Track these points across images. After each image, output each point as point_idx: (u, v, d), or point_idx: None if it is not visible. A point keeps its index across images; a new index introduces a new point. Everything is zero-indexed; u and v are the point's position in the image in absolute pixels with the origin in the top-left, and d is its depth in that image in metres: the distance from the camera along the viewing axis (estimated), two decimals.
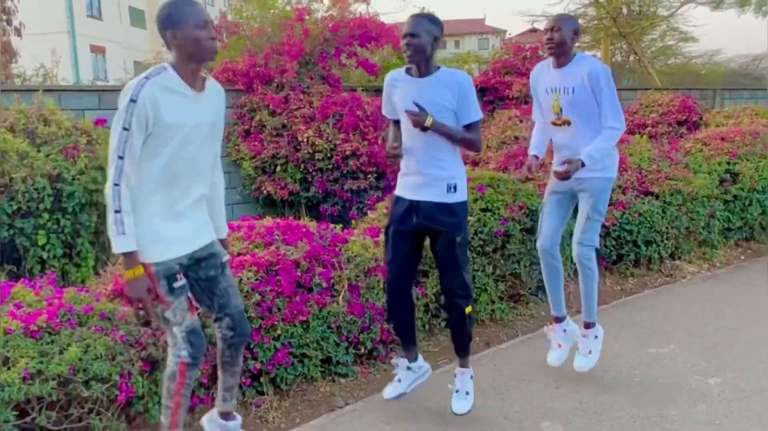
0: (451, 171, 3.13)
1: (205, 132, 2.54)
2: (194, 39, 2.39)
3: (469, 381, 3.31)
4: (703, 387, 3.60)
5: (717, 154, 6.87)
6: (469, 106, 3.07)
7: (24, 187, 4.19)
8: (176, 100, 2.41)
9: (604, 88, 3.37)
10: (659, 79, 16.12)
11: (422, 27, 3.02)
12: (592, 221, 3.59)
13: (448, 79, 3.06)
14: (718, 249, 6.50)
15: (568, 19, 3.55)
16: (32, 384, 2.62)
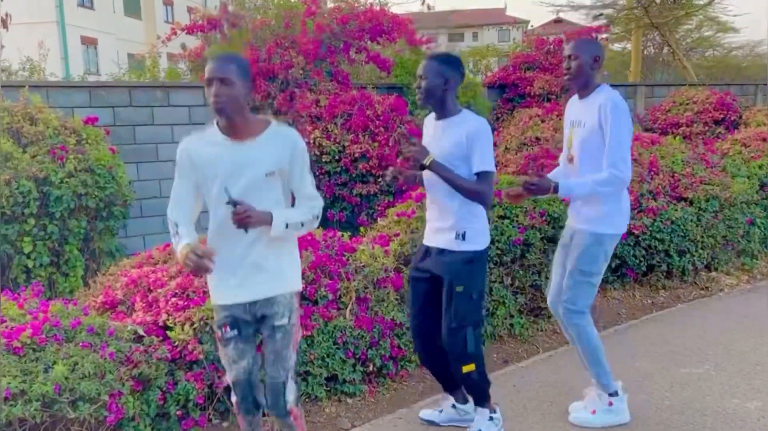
0: (463, 218, 3.14)
1: (244, 181, 2.56)
2: (207, 96, 2.56)
3: (487, 422, 3.30)
4: (742, 412, 3.56)
5: (758, 156, 6.84)
6: (478, 154, 3.05)
7: (8, 190, 4.23)
8: (205, 154, 2.61)
9: (612, 120, 3.17)
10: (695, 73, 16.04)
11: (431, 69, 3.08)
12: (573, 280, 3.37)
13: (464, 126, 3.09)
14: (759, 260, 6.46)
15: (587, 44, 3.38)
16: (14, 406, 2.64)
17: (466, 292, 3.14)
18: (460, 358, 3.18)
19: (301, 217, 2.61)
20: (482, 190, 3.07)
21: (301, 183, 2.64)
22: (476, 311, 3.23)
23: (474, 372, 3.20)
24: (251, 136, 2.57)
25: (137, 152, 6.24)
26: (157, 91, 6.45)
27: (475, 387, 3.28)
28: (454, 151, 3.06)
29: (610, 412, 3.47)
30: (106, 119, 5.96)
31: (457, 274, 3.13)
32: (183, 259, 2.53)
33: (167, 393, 3.22)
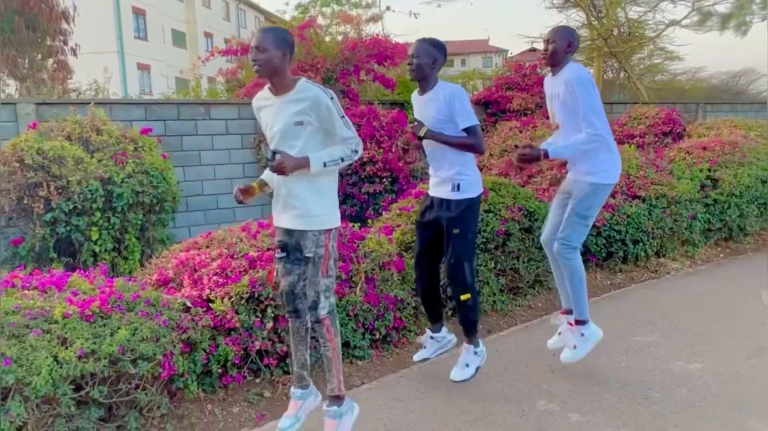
0: (457, 172, 3.22)
1: (278, 132, 2.67)
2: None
3: (472, 356, 3.37)
4: (685, 372, 3.57)
5: (699, 162, 6.82)
6: (461, 112, 3.13)
7: (79, 188, 4.25)
8: (264, 106, 2.77)
9: (579, 92, 3.21)
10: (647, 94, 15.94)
11: (422, 50, 3.18)
12: (571, 221, 3.40)
13: (441, 92, 3.18)
14: (700, 248, 6.45)
15: (563, 31, 3.39)
16: (87, 362, 2.66)
17: (462, 233, 3.22)
18: (460, 287, 3.26)
19: (339, 153, 2.66)
20: (474, 141, 3.17)
21: (332, 129, 2.67)
22: (471, 248, 3.30)
23: (470, 299, 3.28)
24: (285, 92, 2.64)
25: (184, 158, 6.25)
26: (200, 107, 6.46)
27: (469, 314, 3.33)
28: (438, 115, 3.15)
29: (586, 340, 3.52)
30: (159, 130, 5.97)
31: (454, 219, 3.21)
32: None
33: (210, 355, 3.25)
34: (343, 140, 2.68)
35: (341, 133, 2.67)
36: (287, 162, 2.54)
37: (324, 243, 2.71)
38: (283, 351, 3.45)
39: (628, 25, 16.61)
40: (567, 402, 3.24)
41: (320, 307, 2.74)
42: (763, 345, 3.96)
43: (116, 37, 25.08)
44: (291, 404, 2.91)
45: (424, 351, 3.62)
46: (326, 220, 2.73)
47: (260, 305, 3.40)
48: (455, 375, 3.35)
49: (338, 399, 2.83)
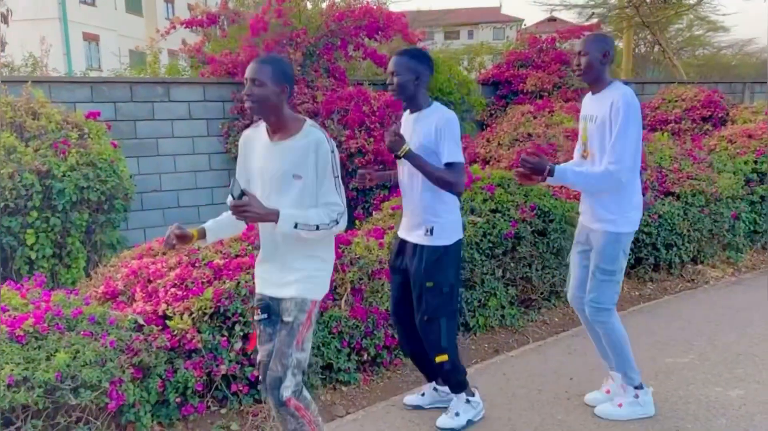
0: (432, 213, 3.16)
1: (268, 179, 2.62)
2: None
3: (464, 405, 3.36)
4: (724, 400, 3.60)
5: (743, 152, 6.86)
6: (449, 145, 3.07)
7: (11, 183, 4.24)
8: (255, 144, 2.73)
9: (619, 118, 3.12)
10: (686, 71, 16.06)
11: (402, 65, 3.11)
12: (597, 281, 3.34)
13: (434, 117, 3.12)
14: (744, 254, 6.49)
15: (596, 40, 3.31)
16: (17, 392, 2.65)
17: (437, 287, 3.16)
18: (434, 349, 3.23)
19: (317, 220, 2.56)
20: (453, 179, 3.08)
21: (319, 188, 2.61)
22: (448, 304, 3.23)
23: (447, 362, 3.24)
24: (286, 137, 2.61)
25: (138, 147, 6.25)
26: (157, 86, 6.45)
27: (448, 376, 3.33)
28: (426, 143, 3.10)
29: (637, 404, 3.45)
30: (108, 114, 5.96)
31: (426, 270, 3.15)
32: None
33: (167, 381, 3.24)
34: (326, 204, 2.62)
35: (327, 195, 2.61)
36: (253, 209, 2.46)
37: (308, 309, 2.68)
38: (253, 376, 3.45)
39: None
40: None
41: (283, 386, 2.62)
42: None
43: (58, 1, 24.92)
44: None
45: (419, 397, 3.59)
46: (315, 290, 2.71)
47: (227, 322, 3.40)
48: (442, 422, 3.33)
49: None
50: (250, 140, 2.76)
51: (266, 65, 2.57)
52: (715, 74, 18.13)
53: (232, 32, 7.75)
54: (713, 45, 21.49)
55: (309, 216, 2.56)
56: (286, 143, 2.60)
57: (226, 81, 6.74)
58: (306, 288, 2.65)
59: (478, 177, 4.93)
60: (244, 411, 3.48)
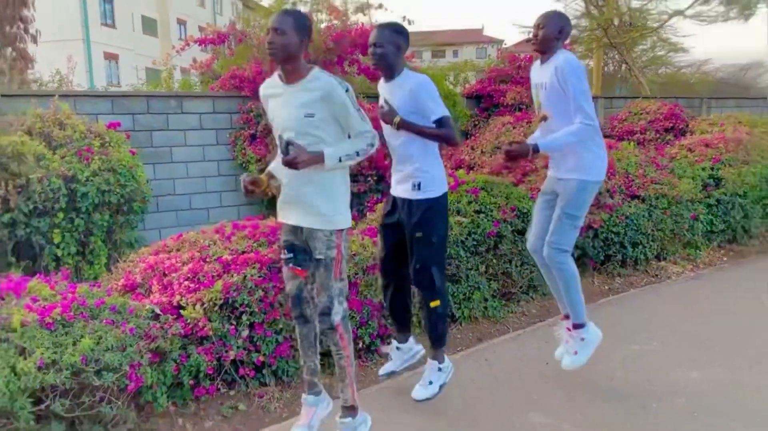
0: (417, 168, 3.18)
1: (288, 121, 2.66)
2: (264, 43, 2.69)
3: (436, 372, 3.35)
4: (684, 381, 3.64)
5: (701, 160, 6.92)
6: (429, 104, 3.10)
7: (40, 187, 4.24)
8: (273, 95, 2.76)
9: (570, 80, 3.19)
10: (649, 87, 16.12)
11: (385, 37, 3.14)
12: (561, 223, 3.40)
13: (407, 82, 3.15)
14: (702, 251, 6.54)
15: (554, 16, 3.38)
16: (47, 373, 2.65)
17: (426, 237, 3.18)
18: (428, 294, 3.24)
19: (355, 147, 2.67)
20: (446, 133, 3.12)
21: (347, 122, 2.67)
22: (438, 253, 3.25)
23: (439, 306, 3.26)
24: (297, 81, 2.64)
25: (154, 154, 6.24)
26: (171, 100, 6.45)
27: (437, 324, 3.30)
28: (403, 106, 3.12)
29: (586, 345, 3.55)
30: (127, 125, 5.96)
31: (417, 223, 3.17)
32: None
33: (181, 365, 3.25)
34: (358, 134, 2.68)
35: (357, 126, 2.67)
36: (301, 157, 2.53)
37: (335, 244, 2.70)
38: (259, 361, 3.46)
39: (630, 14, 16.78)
40: (560, 413, 3.28)
41: (333, 313, 2.73)
42: (765, 352, 4.04)
43: (81, 24, 24.87)
44: (303, 412, 2.93)
45: (390, 364, 3.56)
46: (337, 220, 2.72)
47: (235, 312, 3.41)
48: (418, 393, 3.31)
49: (353, 410, 2.86)
50: (268, 95, 2.80)
51: (289, 16, 2.61)
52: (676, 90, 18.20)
53: (239, 50, 7.75)
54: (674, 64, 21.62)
55: (348, 148, 2.65)
56: (296, 86, 2.64)
57: (234, 95, 6.75)
58: (327, 221, 2.69)
59: (463, 181, 4.96)
60: (250, 392, 3.49)
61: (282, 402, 3.46)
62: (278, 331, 3.50)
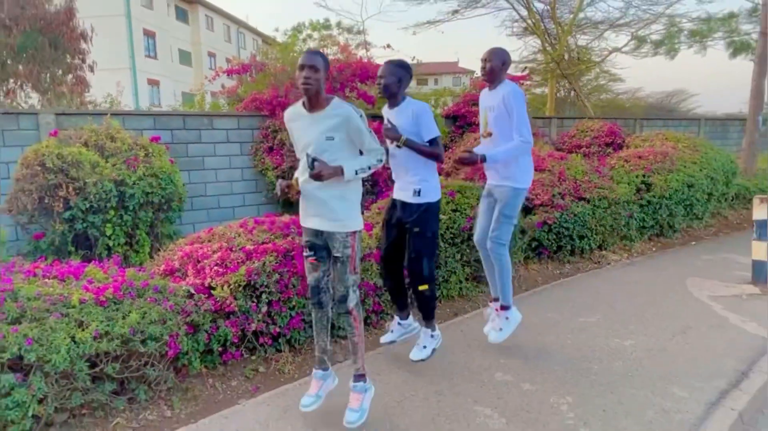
0: (418, 178, 3.21)
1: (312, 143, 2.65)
2: (298, 78, 2.61)
3: (429, 339, 3.38)
4: (620, 348, 3.66)
5: (635, 169, 6.94)
6: (425, 126, 3.14)
7: (95, 189, 4.20)
8: (297, 120, 2.73)
9: (514, 107, 3.27)
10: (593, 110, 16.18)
11: (389, 71, 3.18)
12: (500, 222, 3.47)
13: (409, 108, 3.18)
14: (636, 243, 6.57)
15: (498, 52, 3.42)
16: (101, 342, 2.65)
17: (421, 232, 3.22)
18: (418, 279, 3.26)
19: (368, 162, 2.67)
20: (437, 151, 3.19)
21: (362, 143, 2.69)
22: (430, 246, 3.28)
23: (427, 290, 3.28)
24: (320, 110, 2.64)
25: (189, 163, 6.20)
26: (203, 118, 6.41)
27: (425, 302, 3.34)
28: (406, 127, 3.16)
29: (509, 322, 3.61)
30: (166, 138, 5.92)
31: (414, 220, 3.22)
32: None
33: (211, 335, 3.24)
34: (370, 151, 2.71)
35: (369, 144, 2.70)
36: (325, 170, 2.55)
37: (350, 244, 2.72)
38: (276, 332, 3.45)
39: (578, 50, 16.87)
40: (520, 374, 3.30)
41: (349, 300, 2.74)
42: (686, 325, 4.07)
43: (129, 56, 24.68)
44: (313, 384, 2.91)
45: (390, 334, 3.61)
46: (351, 223, 2.73)
47: (256, 292, 3.40)
48: (414, 354, 3.36)
49: (363, 377, 2.86)
50: (292, 121, 2.76)
51: (320, 56, 2.63)
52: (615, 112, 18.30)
53: (259, 78, 7.70)
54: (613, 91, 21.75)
55: (363, 162, 2.66)
56: (320, 114, 2.63)
57: (255, 114, 6.71)
58: (343, 225, 2.70)
59: (442, 185, 4.94)
60: (268, 357, 3.49)
61: (294, 365, 3.46)
62: (292, 308, 3.49)
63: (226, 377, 3.29)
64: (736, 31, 13.03)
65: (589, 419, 2.77)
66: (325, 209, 2.68)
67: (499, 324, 3.62)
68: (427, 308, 3.35)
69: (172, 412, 2.91)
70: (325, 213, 2.69)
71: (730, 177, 7.89)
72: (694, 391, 3.05)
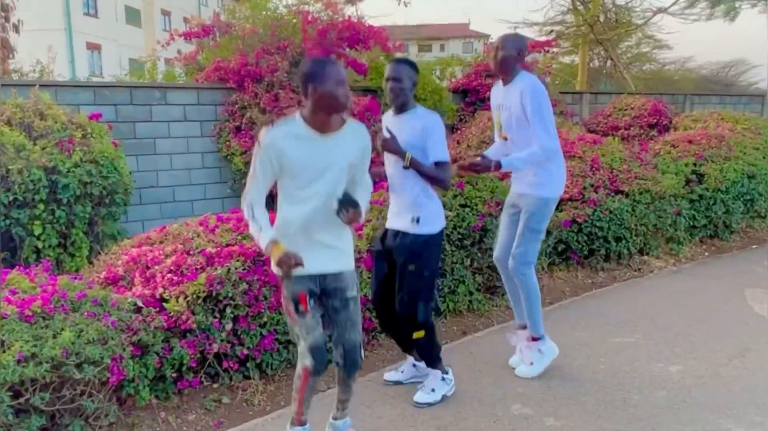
0: (418, 202, 3.19)
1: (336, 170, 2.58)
2: (332, 96, 2.47)
3: (439, 382, 3.38)
4: (665, 374, 3.68)
5: (684, 156, 6.98)
6: (435, 146, 3.12)
7: (20, 178, 4.18)
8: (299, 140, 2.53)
9: (531, 106, 3.28)
10: (634, 83, 16.27)
11: (405, 73, 3.15)
12: (524, 237, 3.50)
13: (419, 120, 3.15)
14: (684, 246, 6.61)
15: (511, 39, 3.47)
16: (26, 367, 2.62)
17: (417, 270, 3.17)
18: (411, 326, 3.25)
19: (366, 203, 2.73)
20: (444, 176, 3.16)
21: (363, 174, 2.72)
22: (427, 287, 3.26)
23: (423, 338, 3.27)
24: (334, 130, 2.57)
25: (137, 146, 6.18)
26: (155, 91, 6.39)
27: (424, 351, 3.36)
28: (412, 141, 3.12)
29: (543, 357, 3.64)
30: (109, 116, 5.89)
31: (410, 255, 3.17)
32: (276, 259, 2.48)
33: (163, 358, 3.22)
34: (366, 188, 2.76)
35: (367, 180, 2.77)
36: (360, 215, 2.56)
37: (356, 281, 2.74)
38: (243, 354, 3.45)
39: (615, 11, 16.91)
40: (542, 405, 3.31)
41: (361, 349, 2.75)
42: (745, 346, 4.10)
43: (63, 14, 24.51)
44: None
45: (399, 374, 3.59)
46: (353, 258, 2.77)
47: (218, 305, 3.39)
48: (419, 397, 3.34)
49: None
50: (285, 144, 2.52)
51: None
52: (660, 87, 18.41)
53: (224, 42, 7.68)
54: (658, 61, 21.88)
55: (365, 201, 2.70)
56: (338, 135, 2.58)
57: (219, 86, 6.69)
58: (350, 260, 2.73)
59: None
60: (234, 385, 3.49)
61: (266, 395, 3.46)
62: (263, 325, 3.49)
63: (182, 410, 3.28)
64: None
65: None
66: (335, 247, 2.65)
67: (530, 357, 3.65)
68: (428, 356, 3.39)
69: None
70: (334, 251, 2.65)
71: None
72: (752, 427, 3.07)
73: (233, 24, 7.82)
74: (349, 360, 2.71)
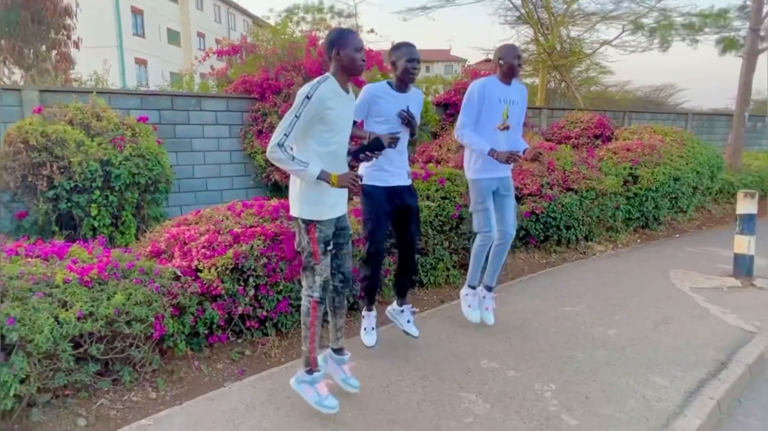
0: (405, 161, 3.39)
1: (351, 124, 2.69)
2: (352, 58, 2.52)
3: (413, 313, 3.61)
4: (604, 337, 3.70)
5: (623, 161, 6.99)
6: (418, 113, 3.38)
7: (80, 169, 4.13)
8: (338, 99, 2.51)
9: (526, 104, 3.70)
10: (583, 102, 16.25)
11: (419, 56, 3.27)
12: (514, 211, 3.76)
13: (416, 94, 3.34)
14: (621, 234, 6.63)
15: (496, 50, 3.65)
16: (85, 323, 2.61)
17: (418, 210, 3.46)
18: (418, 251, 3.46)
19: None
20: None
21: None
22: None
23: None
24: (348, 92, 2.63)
25: (177, 144, 6.11)
26: (192, 99, 6.31)
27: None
28: (416, 113, 3.31)
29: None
30: (154, 119, 5.82)
31: (415, 199, 3.40)
32: (340, 180, 2.47)
33: (197, 318, 3.22)
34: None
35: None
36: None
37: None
38: (262, 316, 3.44)
39: (569, 42, 16.86)
40: (506, 360, 3.33)
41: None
42: (669, 315, 4.13)
43: (116, 33, 24.17)
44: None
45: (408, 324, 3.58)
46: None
47: (243, 275, 3.38)
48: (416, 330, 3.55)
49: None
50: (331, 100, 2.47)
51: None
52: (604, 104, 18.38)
53: (249, 60, 7.58)
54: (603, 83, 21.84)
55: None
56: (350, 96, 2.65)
57: (244, 96, 6.62)
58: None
59: (433, 172, 4.94)
60: (255, 341, 3.48)
61: (281, 349, 3.46)
62: (279, 292, 3.48)
63: (212, 360, 3.27)
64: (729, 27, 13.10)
65: (572, 406, 2.80)
66: (344, 193, 2.69)
67: (492, 303, 3.84)
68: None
69: (157, 394, 2.89)
70: (345, 194, 2.71)
71: (716, 171, 7.98)
72: (674, 380, 3.10)
73: (257, 45, 7.72)
74: (348, 283, 2.81)
